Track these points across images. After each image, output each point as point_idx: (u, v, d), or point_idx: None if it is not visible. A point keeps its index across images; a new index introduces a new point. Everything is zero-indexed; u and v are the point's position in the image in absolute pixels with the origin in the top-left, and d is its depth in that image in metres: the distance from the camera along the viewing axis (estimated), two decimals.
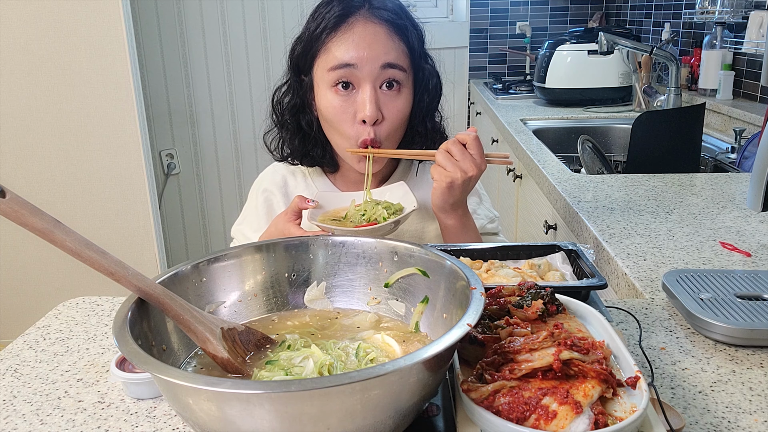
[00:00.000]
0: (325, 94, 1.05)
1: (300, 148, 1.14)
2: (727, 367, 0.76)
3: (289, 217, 1.00)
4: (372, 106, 1.02)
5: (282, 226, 1.00)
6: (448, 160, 0.99)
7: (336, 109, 1.04)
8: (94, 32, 2.32)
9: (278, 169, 1.22)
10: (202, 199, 3.09)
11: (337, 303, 0.79)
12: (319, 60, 1.06)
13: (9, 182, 2.38)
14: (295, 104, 1.12)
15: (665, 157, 1.83)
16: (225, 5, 2.86)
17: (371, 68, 1.01)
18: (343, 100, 1.04)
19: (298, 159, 1.16)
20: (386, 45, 1.02)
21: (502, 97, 3.15)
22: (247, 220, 1.21)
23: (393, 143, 1.09)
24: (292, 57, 1.11)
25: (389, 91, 1.04)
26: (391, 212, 1.01)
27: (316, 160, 1.16)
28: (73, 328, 0.92)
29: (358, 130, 1.04)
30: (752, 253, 1.09)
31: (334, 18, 1.02)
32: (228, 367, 0.64)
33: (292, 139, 1.14)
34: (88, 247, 0.59)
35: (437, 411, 0.62)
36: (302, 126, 1.12)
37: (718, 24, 2.43)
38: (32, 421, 0.70)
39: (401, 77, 1.04)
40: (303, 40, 1.08)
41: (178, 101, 2.93)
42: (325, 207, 1.05)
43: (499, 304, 0.70)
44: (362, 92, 1.03)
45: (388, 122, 1.05)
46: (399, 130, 1.09)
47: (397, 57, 1.03)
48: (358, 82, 1.03)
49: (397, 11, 1.06)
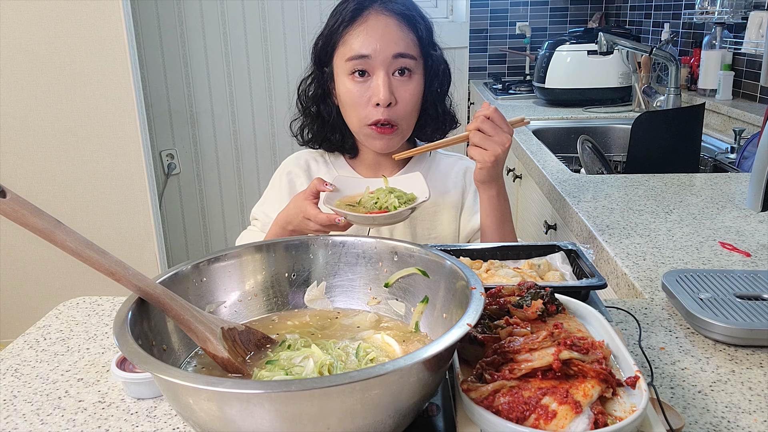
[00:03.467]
0: (343, 82, 1.15)
1: (320, 133, 1.25)
2: (727, 367, 0.76)
3: (307, 195, 1.06)
4: (385, 90, 1.11)
5: (300, 203, 1.06)
6: (484, 139, 1.05)
7: (353, 94, 1.14)
8: (94, 32, 2.32)
9: (302, 155, 1.31)
10: (203, 199, 3.09)
11: (337, 303, 0.79)
12: (338, 51, 1.16)
13: (9, 182, 2.38)
14: (316, 93, 1.23)
15: (665, 157, 1.83)
16: (225, 5, 2.86)
17: (384, 57, 1.11)
18: (359, 86, 1.14)
19: (318, 144, 1.27)
20: (397, 36, 1.12)
21: (501, 97, 3.16)
22: (268, 200, 1.28)
23: (408, 126, 1.19)
24: (315, 50, 1.21)
25: (401, 77, 1.14)
26: (402, 201, 1.05)
27: (336, 145, 1.26)
28: (73, 327, 0.92)
29: (372, 112, 1.14)
30: (752, 253, 1.10)
31: (350, 12, 1.13)
32: (228, 366, 0.64)
33: (312, 125, 1.25)
34: (88, 247, 0.59)
35: (437, 411, 0.62)
36: (322, 113, 1.23)
37: (718, 24, 2.43)
38: (33, 420, 0.70)
39: (412, 65, 1.14)
40: (324, 35, 1.18)
41: (179, 101, 2.93)
42: (342, 191, 1.10)
43: (499, 304, 0.70)
44: (376, 79, 1.12)
45: (401, 105, 1.15)
46: (413, 113, 1.18)
47: (407, 47, 1.13)
48: (372, 70, 1.13)
49: (407, 4, 1.16)
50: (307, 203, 1.05)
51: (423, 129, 1.23)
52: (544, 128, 2.53)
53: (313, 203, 1.05)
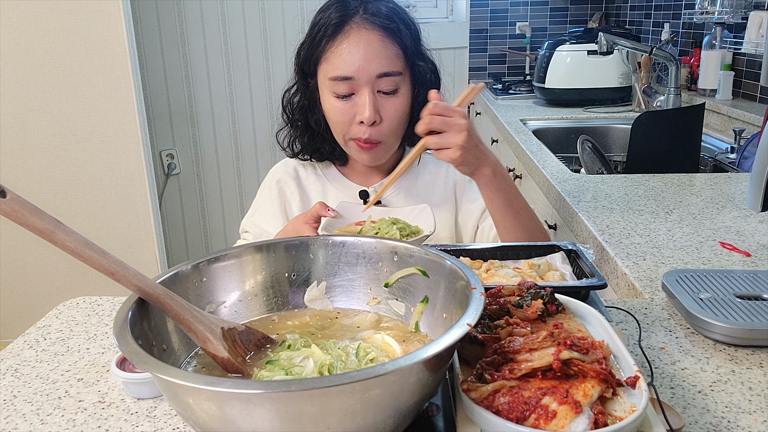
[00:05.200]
0: (327, 98, 1.13)
1: (309, 144, 1.22)
2: (727, 367, 0.76)
3: (308, 219, 1.05)
4: (370, 109, 1.08)
5: (299, 227, 1.05)
6: (441, 137, 0.99)
7: (337, 111, 1.11)
8: (94, 32, 2.32)
9: (289, 162, 1.28)
10: (203, 199, 3.09)
11: (337, 303, 0.79)
12: (321, 67, 1.13)
13: (9, 182, 2.38)
14: (303, 105, 1.20)
15: (665, 157, 1.83)
16: (225, 5, 2.86)
17: (368, 77, 1.08)
18: (343, 103, 1.11)
19: (309, 154, 1.24)
20: (380, 53, 1.08)
21: (501, 97, 3.15)
22: (259, 212, 1.25)
23: (396, 139, 1.17)
24: (297, 61, 1.18)
25: (387, 95, 1.11)
26: (405, 234, 1.02)
27: (326, 155, 1.23)
28: (73, 327, 0.92)
29: (356, 129, 1.12)
30: (752, 253, 1.10)
31: (331, 26, 1.09)
32: (228, 366, 0.64)
33: (301, 137, 1.22)
34: (88, 247, 0.59)
35: (437, 411, 0.62)
36: (311, 125, 1.20)
37: (718, 24, 2.43)
38: (33, 420, 0.70)
39: (397, 80, 1.11)
40: (305, 46, 1.15)
41: (179, 101, 2.93)
42: (344, 217, 1.08)
43: (499, 304, 0.70)
44: (361, 97, 1.10)
45: (387, 122, 1.12)
46: (399, 128, 1.15)
47: (391, 64, 1.09)
48: (356, 89, 1.10)
49: (390, 15, 1.11)
50: (306, 228, 1.03)
51: (412, 137, 1.16)
52: (544, 128, 2.53)
53: (313, 227, 1.03)
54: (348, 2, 1.11)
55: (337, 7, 1.11)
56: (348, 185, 1.24)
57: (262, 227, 1.21)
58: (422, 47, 1.17)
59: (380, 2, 1.12)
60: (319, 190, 1.24)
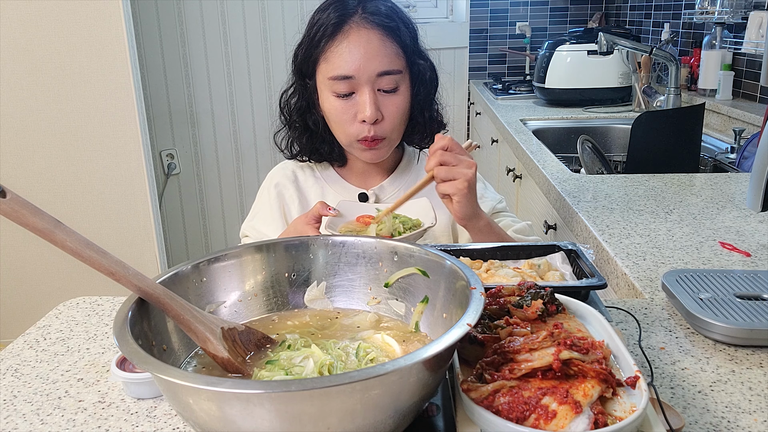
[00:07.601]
0: (327, 98, 1.13)
1: (308, 145, 1.22)
2: (727, 367, 0.76)
3: (309, 219, 1.04)
4: (371, 108, 1.09)
5: (301, 228, 1.05)
6: (451, 170, 1.00)
7: (338, 111, 1.11)
8: (94, 32, 2.32)
9: (287, 165, 1.28)
10: (203, 199, 3.09)
11: (337, 303, 0.79)
12: (320, 67, 1.13)
13: (9, 182, 2.38)
14: (301, 106, 1.19)
15: (665, 157, 1.83)
16: (225, 5, 2.86)
17: (368, 76, 1.08)
18: (344, 102, 1.11)
19: (307, 156, 1.24)
20: (380, 51, 1.09)
21: (501, 97, 3.15)
22: (259, 216, 1.25)
23: (397, 136, 1.17)
24: (295, 62, 1.17)
25: (387, 93, 1.11)
26: (408, 227, 1.03)
27: (324, 156, 1.23)
28: (73, 327, 0.92)
29: (359, 128, 1.12)
30: (752, 253, 1.10)
31: (330, 26, 1.09)
32: (228, 366, 0.64)
33: (300, 138, 1.22)
34: (88, 247, 0.59)
35: (437, 411, 0.62)
36: (309, 125, 1.20)
37: (718, 24, 2.43)
38: (33, 420, 0.70)
39: (397, 78, 1.11)
40: (304, 47, 1.14)
41: (179, 101, 2.93)
42: (345, 216, 1.08)
43: (499, 304, 0.70)
44: (361, 95, 1.10)
45: (388, 120, 1.12)
46: (400, 125, 1.16)
47: (391, 62, 1.10)
48: (357, 88, 1.10)
49: (389, 14, 1.12)
50: (308, 228, 1.03)
51: (411, 135, 1.21)
52: (544, 128, 2.53)
53: (315, 227, 1.04)
54: (347, 2, 1.11)
55: (335, 6, 1.11)
56: (347, 187, 1.24)
57: (262, 231, 1.21)
58: (420, 46, 1.18)
59: (379, 1, 1.12)
60: (317, 192, 1.24)
